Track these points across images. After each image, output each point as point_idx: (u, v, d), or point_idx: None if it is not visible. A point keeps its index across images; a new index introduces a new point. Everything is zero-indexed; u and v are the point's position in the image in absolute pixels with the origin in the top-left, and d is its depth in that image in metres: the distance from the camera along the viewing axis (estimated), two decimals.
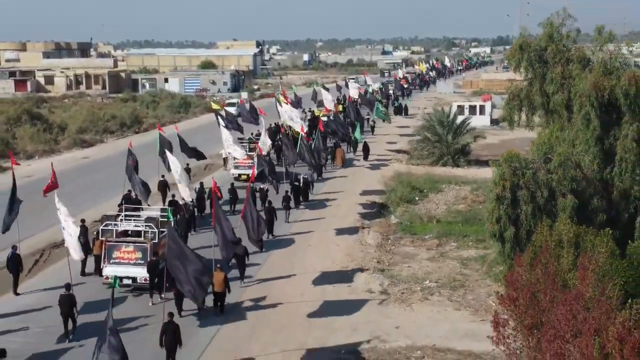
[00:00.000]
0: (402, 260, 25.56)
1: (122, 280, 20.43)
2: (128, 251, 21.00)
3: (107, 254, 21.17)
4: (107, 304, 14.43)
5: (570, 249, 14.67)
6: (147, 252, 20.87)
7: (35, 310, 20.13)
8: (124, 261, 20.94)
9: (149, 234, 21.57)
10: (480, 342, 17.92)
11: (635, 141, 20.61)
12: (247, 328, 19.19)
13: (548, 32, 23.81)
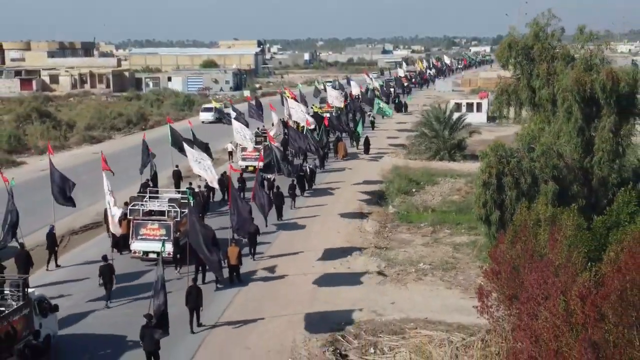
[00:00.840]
0: (398, 246, 27.27)
1: (147, 254, 22.93)
2: (153, 228, 23.47)
3: (134, 230, 23.60)
4: (135, 275, 16.30)
5: (547, 227, 16.34)
6: (170, 229, 23.27)
7: (72, 281, 22.34)
8: (150, 237, 23.38)
9: (172, 213, 23.96)
10: (469, 316, 19.58)
11: (612, 132, 22.30)
12: (259, 297, 21.40)
13: (534, 31, 25.44)
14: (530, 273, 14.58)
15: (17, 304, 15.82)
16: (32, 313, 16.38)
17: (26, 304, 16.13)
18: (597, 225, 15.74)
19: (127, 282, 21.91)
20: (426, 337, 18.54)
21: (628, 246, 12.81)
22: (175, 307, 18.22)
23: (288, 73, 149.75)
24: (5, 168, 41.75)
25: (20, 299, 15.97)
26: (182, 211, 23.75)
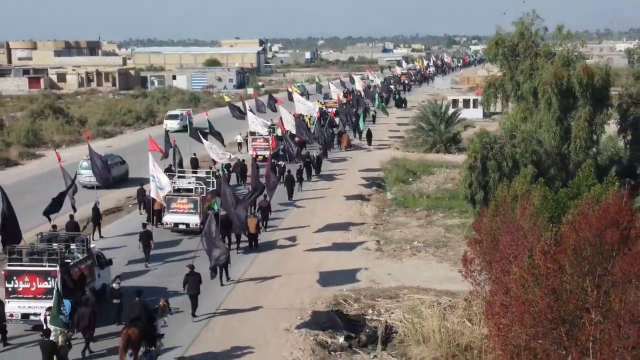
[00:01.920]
0: (395, 227, 29.78)
1: (177, 225, 26.41)
2: (183, 203, 26.79)
3: (166, 205, 26.76)
4: (168, 243, 19.01)
5: (523, 201, 18.78)
6: (198, 203, 26.55)
7: (114, 248, 25.03)
8: (180, 210, 26.72)
9: (199, 189, 27.26)
10: (456, 284, 21.96)
11: (587, 121, 24.79)
12: (271, 263, 24.51)
13: (519, 30, 27.97)
14: (504, 237, 17.05)
15: (82, 256, 19.17)
16: (93, 264, 19.75)
17: (89, 256, 19.54)
18: (561, 196, 18.18)
19: (160, 249, 25.12)
20: (418, 300, 21.01)
21: (582, 209, 15.26)
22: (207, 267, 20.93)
23: (290, 71, 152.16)
24: (27, 160, 44.46)
25: (84, 252, 19.33)
26: (207, 188, 27.30)
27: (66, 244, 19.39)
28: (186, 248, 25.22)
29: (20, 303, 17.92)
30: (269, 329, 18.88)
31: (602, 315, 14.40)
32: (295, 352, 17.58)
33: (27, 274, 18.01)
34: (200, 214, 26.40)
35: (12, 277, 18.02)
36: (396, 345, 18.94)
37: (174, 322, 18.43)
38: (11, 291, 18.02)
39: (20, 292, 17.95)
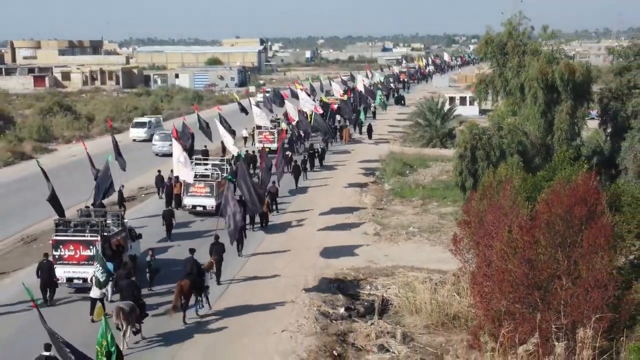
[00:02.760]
0: (392, 214, 31.75)
1: (195, 207, 29.04)
2: (200, 187, 29.26)
3: (185, 189, 29.28)
4: (186, 223, 23.19)
5: (505, 184, 20.74)
6: (214, 188, 28.98)
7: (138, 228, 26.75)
8: (197, 194, 29.23)
9: (214, 175, 29.79)
10: (447, 265, 23.88)
11: (569, 115, 26.76)
12: (279, 243, 26.89)
13: (508, 30, 29.90)
14: (488, 216, 19.03)
15: (118, 229, 21.66)
16: (127, 237, 22.23)
17: (123, 229, 22.06)
18: (538, 178, 20.13)
19: (180, 228, 27.75)
20: (412, 277, 22.98)
21: (554, 189, 17.22)
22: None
23: (290, 70, 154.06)
24: (40, 154, 46.43)
25: (119, 226, 21.86)
26: (222, 174, 29.86)
27: (103, 218, 21.85)
28: (203, 228, 27.88)
29: (65, 268, 20.45)
30: (277, 300, 20.88)
31: (572, 281, 16.38)
32: (300, 320, 19.54)
33: (71, 243, 20.62)
34: (215, 197, 28.91)
35: (59, 245, 20.60)
36: (391, 316, 20.89)
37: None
38: (58, 258, 20.52)
39: (65, 259, 20.51)
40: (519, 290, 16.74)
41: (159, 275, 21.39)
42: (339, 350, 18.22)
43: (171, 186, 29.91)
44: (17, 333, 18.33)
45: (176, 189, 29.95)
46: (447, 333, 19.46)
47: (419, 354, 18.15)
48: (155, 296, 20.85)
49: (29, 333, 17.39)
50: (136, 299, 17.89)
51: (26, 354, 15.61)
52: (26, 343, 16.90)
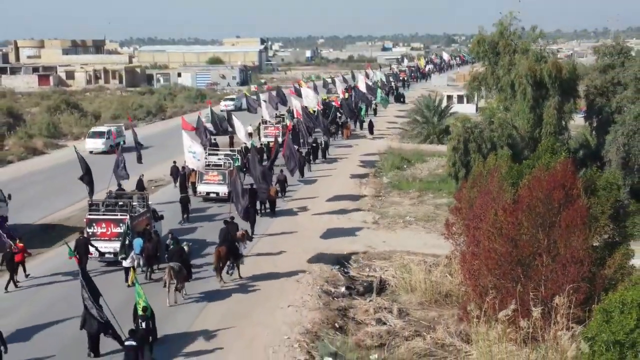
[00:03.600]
0: (389, 205, 33.48)
1: (209, 194, 31.40)
2: (213, 175, 31.67)
3: (199, 177, 31.52)
4: (201, 209, 26.58)
5: (494, 173, 22.45)
6: (226, 176, 31.11)
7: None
8: (211, 182, 31.53)
9: (227, 164, 32.08)
10: (441, 250, 25.59)
11: (556, 110, 28.48)
12: (286, 227, 28.88)
13: (499, 30, 31.64)
14: (477, 201, 20.75)
15: (143, 210, 23.91)
16: (151, 217, 24.47)
17: (148, 210, 24.37)
18: (523, 166, 21.83)
19: (196, 213, 30.27)
20: (408, 260, 24.70)
21: (535, 174, 18.92)
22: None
23: (291, 69, 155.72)
24: (51, 149, 48.20)
25: (144, 207, 24.12)
26: (233, 164, 32.38)
27: (130, 200, 24.17)
28: (216, 212, 30.39)
29: (98, 244, 22.54)
30: (284, 278, 22.69)
31: (551, 258, 18.08)
32: (304, 297, 21.29)
33: (103, 221, 22.89)
34: (228, 184, 30.90)
35: (92, 223, 22.96)
36: (388, 294, 22.61)
37: None
38: (91, 235, 22.76)
39: (98, 235, 22.79)
40: (504, 267, 18.43)
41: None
42: (340, 323, 19.96)
43: (184, 175, 32.01)
44: (51, 304, 20.28)
45: (192, 178, 32.47)
46: (439, 309, 21.18)
47: (413, 326, 19.87)
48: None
49: (60, 305, 19.54)
50: (184, 263, 20.67)
51: (58, 325, 17.85)
52: (58, 312, 19.02)
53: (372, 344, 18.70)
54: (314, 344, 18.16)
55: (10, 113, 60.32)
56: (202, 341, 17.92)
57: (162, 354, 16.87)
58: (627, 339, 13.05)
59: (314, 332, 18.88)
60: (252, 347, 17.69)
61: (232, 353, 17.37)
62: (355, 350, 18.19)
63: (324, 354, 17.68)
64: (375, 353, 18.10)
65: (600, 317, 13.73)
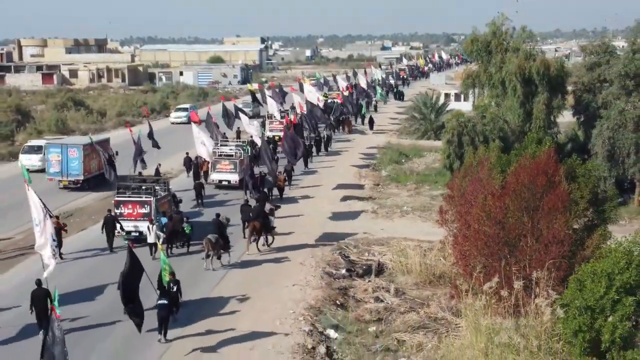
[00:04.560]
0: (388, 196, 35.15)
1: (221, 182, 33.63)
2: (225, 164, 33.78)
3: (212, 166, 33.66)
4: (212, 195, 29.34)
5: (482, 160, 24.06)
6: (237, 165, 33.36)
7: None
8: (223, 170, 33.71)
9: (237, 154, 34.10)
10: (436, 237, 27.18)
11: (545, 105, 30.13)
12: (292, 213, 30.75)
13: (492, 30, 33.28)
14: (468, 188, 22.40)
15: (164, 193, 26.20)
16: (171, 201, 26.77)
17: (169, 194, 27.18)
18: (512, 155, 23.44)
19: (208, 199, 32.49)
20: (404, 245, 26.34)
21: (521, 162, 20.55)
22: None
23: (291, 68, 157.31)
24: None
25: (165, 191, 26.42)
26: (243, 154, 34.36)
27: (154, 184, 26.39)
28: (228, 198, 32.80)
29: (125, 223, 25.03)
30: (289, 260, 24.42)
31: (535, 239, 19.71)
32: (308, 277, 22.95)
33: (130, 202, 25.38)
34: (238, 173, 33.29)
35: (120, 204, 25.41)
36: (386, 276, 24.24)
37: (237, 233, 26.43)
38: (119, 215, 24.99)
39: (125, 215, 25.26)
40: (491, 247, 20.05)
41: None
42: (341, 300, 21.61)
43: (197, 164, 34.33)
44: (79, 277, 22.28)
45: (204, 167, 34.96)
46: (433, 289, 22.83)
47: (409, 303, 21.51)
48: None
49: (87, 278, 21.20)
50: (221, 235, 23.56)
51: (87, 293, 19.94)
52: (87, 285, 21.33)
53: (370, 318, 20.34)
54: (317, 317, 19.81)
55: (18, 110, 61.86)
56: (219, 307, 20.06)
57: (183, 315, 19.13)
58: (597, 305, 14.66)
59: (317, 308, 20.52)
60: (261, 318, 19.34)
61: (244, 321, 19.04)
62: (355, 323, 19.86)
63: (326, 326, 19.34)
64: (374, 326, 19.76)
65: (574, 286, 15.36)
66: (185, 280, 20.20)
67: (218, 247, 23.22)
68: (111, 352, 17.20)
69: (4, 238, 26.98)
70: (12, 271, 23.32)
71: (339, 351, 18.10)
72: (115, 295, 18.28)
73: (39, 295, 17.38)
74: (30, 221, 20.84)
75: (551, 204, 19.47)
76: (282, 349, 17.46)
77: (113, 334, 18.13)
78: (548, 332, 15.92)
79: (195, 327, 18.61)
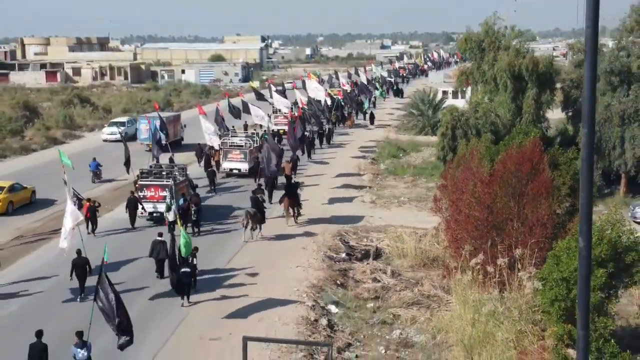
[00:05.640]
0: (385, 188, 36.76)
1: (232, 170, 35.84)
2: (236, 154, 35.97)
3: (223, 155, 35.87)
4: (223, 182, 31.73)
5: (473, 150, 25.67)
6: (247, 155, 35.66)
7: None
8: (234, 159, 35.91)
9: (247, 144, 36.45)
10: (431, 225, 28.77)
11: (534, 100, 31.74)
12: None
13: (485, 29, 34.88)
14: (460, 176, 24.01)
15: (183, 178, 28.38)
16: (189, 185, 29.01)
17: (186, 179, 29.53)
18: (500, 146, 25.07)
19: (220, 185, 35.20)
20: (401, 232, 27.95)
21: (508, 151, 22.17)
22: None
23: (291, 67, 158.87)
24: (70, 139, 51.45)
25: (183, 176, 28.58)
26: (252, 144, 36.99)
27: (173, 170, 28.69)
28: (234, 185, 35.44)
29: (147, 205, 27.48)
30: (292, 245, 26.05)
31: (520, 222, 21.31)
32: (310, 260, 24.58)
33: (152, 186, 27.75)
34: (248, 162, 35.60)
35: (143, 188, 27.81)
36: (383, 260, 25.88)
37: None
38: (142, 197, 27.20)
39: (147, 198, 27.71)
40: (481, 230, 21.66)
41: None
42: (342, 280, 23.24)
43: (208, 155, 36.70)
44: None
45: (216, 157, 37.36)
46: (427, 271, 24.47)
47: (404, 283, 23.15)
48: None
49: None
50: (259, 209, 26.50)
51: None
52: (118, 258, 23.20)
53: (368, 296, 21.98)
54: (319, 294, 21.44)
55: (26, 107, 63.43)
56: (229, 281, 22.27)
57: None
58: (571, 276, 16.25)
59: (319, 286, 22.16)
60: (267, 295, 20.98)
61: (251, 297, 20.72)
62: (354, 300, 21.50)
63: (327, 302, 20.97)
64: (371, 303, 21.39)
65: (551, 260, 16.98)
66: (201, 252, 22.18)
67: (256, 220, 25.94)
68: (141, 313, 19.13)
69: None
70: (45, 247, 25.71)
71: (339, 323, 19.73)
72: (141, 266, 21.36)
73: (79, 263, 20.13)
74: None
75: (535, 189, 21.07)
76: (287, 321, 19.08)
77: (141, 299, 20.48)
78: (529, 303, 17.53)
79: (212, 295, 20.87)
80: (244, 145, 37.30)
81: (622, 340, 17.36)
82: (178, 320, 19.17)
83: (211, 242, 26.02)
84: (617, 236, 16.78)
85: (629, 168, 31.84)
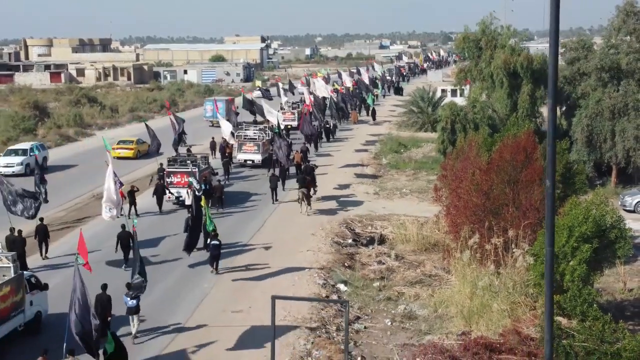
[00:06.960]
0: (388, 180, 38.51)
1: (246, 161, 38.34)
2: (250, 146, 38.37)
3: (238, 147, 38.34)
4: (237, 173, 33.65)
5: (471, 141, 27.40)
6: (260, 146, 37.98)
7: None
8: (248, 151, 38.35)
9: (261, 137, 38.75)
10: (431, 214, 30.48)
11: (529, 96, 33.49)
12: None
13: (482, 28, 36.63)
14: (459, 165, 25.76)
15: (205, 166, 31.25)
16: (210, 172, 31.98)
17: (208, 167, 32.42)
18: (496, 137, 26.83)
19: (234, 175, 37.73)
20: (403, 220, 29.69)
21: (504, 141, 23.91)
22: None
23: (291, 67, 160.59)
24: (82, 137, 53.16)
25: (206, 164, 31.42)
26: (265, 137, 39.30)
27: (196, 158, 31.19)
28: (248, 174, 38.02)
29: (173, 189, 30.30)
30: (302, 232, 27.76)
31: (515, 207, 23.05)
32: (319, 245, 26.32)
33: (178, 173, 30.40)
34: (261, 153, 37.98)
35: (170, 174, 30.51)
36: (387, 245, 27.61)
37: (260, 203, 32.29)
38: (169, 183, 29.87)
39: (174, 183, 30.39)
40: (479, 215, 23.42)
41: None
42: (349, 263, 24.97)
43: (223, 146, 39.06)
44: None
45: (229, 149, 39.54)
46: (428, 254, 26.20)
47: (407, 265, 24.89)
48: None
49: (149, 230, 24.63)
50: (313, 178, 31.23)
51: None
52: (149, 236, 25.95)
53: (374, 277, 23.71)
54: (329, 274, 23.18)
55: (36, 106, 65.08)
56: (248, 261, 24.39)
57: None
58: (560, 252, 18.01)
59: (329, 268, 23.90)
60: (279, 274, 22.75)
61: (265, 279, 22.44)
62: (361, 280, 23.24)
63: (337, 281, 22.71)
64: (377, 282, 23.13)
65: (541, 238, 18.71)
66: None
67: (308, 199, 30.02)
68: (176, 281, 22.10)
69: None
70: (92, 222, 29.05)
71: (348, 300, 21.42)
72: (170, 243, 25.10)
73: (123, 236, 22.91)
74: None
75: (529, 177, 22.81)
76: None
77: (177, 269, 23.29)
78: (521, 277, 19.28)
79: (232, 275, 22.30)
80: (257, 138, 39.81)
81: (607, 312, 19.10)
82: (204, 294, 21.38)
83: (232, 223, 28.72)
84: (601, 215, 18.53)
85: (619, 160, 33.62)
